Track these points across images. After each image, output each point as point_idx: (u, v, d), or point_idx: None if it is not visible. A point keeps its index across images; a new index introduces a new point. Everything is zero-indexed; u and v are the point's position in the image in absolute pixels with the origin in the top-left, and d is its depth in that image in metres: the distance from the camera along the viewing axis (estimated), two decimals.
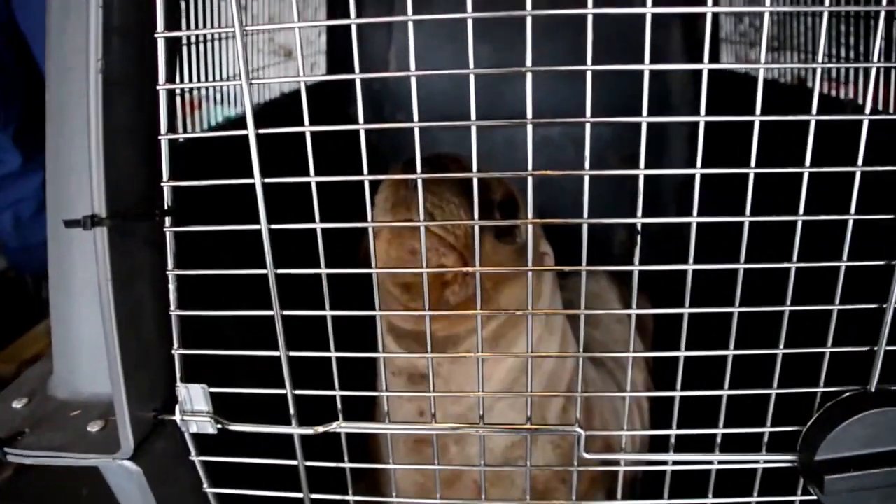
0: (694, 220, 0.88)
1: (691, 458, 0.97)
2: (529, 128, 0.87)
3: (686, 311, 0.91)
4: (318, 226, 0.92)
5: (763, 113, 0.84)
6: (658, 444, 1.01)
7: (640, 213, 0.89)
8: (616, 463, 1.04)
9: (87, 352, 1.02)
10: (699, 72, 0.86)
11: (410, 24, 0.83)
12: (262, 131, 0.88)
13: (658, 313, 0.92)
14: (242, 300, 0.99)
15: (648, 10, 0.81)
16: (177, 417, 0.99)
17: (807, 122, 0.85)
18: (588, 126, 0.86)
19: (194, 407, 0.99)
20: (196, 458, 1.03)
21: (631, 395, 0.97)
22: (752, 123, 0.85)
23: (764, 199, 0.89)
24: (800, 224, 0.88)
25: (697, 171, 0.86)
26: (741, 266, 0.89)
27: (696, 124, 0.86)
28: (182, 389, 0.98)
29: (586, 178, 0.88)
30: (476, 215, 0.91)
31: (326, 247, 0.94)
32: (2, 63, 2.88)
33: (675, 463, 0.98)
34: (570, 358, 1.28)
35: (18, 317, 2.78)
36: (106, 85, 0.88)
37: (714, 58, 0.84)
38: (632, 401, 1.51)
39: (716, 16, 2.07)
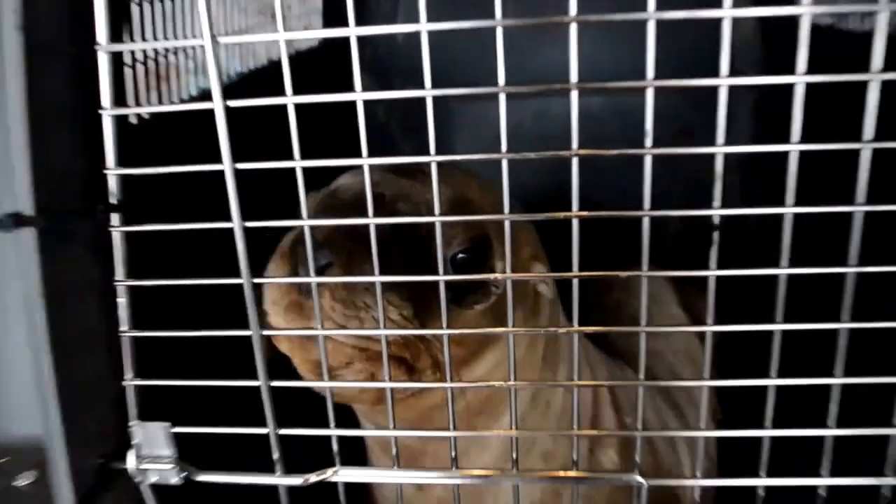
0: (789, 210, 0.73)
1: None
2: (574, 94, 0.73)
3: (778, 327, 0.76)
4: (306, 222, 0.78)
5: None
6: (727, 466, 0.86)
7: (718, 201, 0.74)
8: None
9: (20, 384, 0.87)
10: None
11: None
12: (231, 103, 0.73)
13: (742, 330, 0.77)
14: (213, 316, 0.85)
15: None
16: (131, 465, 0.85)
17: None
18: (650, 92, 0.72)
19: (154, 451, 0.86)
20: None
21: (704, 434, 0.82)
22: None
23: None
24: None
25: (794, 148, 0.71)
26: (852, 270, 0.74)
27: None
28: (137, 429, 0.84)
29: (647, 160, 0.74)
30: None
31: None
32: None
33: None
34: (585, 390, 1.14)
35: None
36: (29, 47, 0.73)
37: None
38: (692, 424, 1.36)
39: None
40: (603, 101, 1.96)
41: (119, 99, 0.78)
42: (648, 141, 0.75)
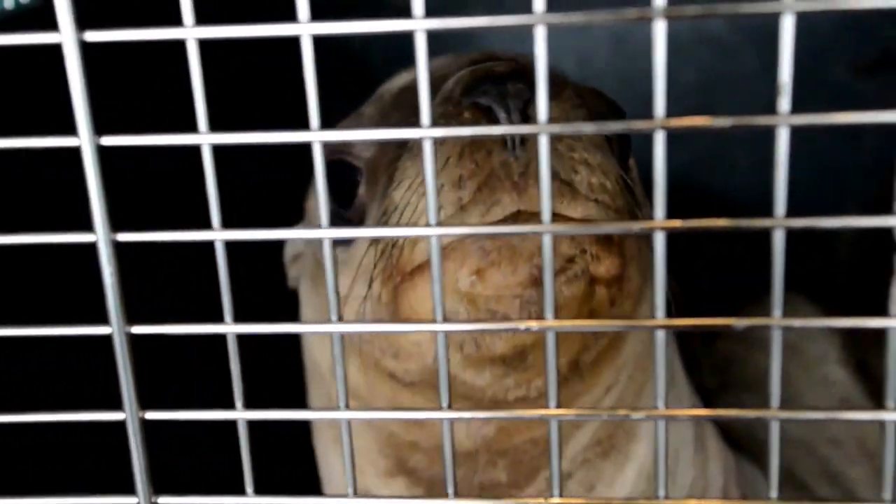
0: None
1: None
2: (660, 25, 0.49)
3: None
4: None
5: None
6: None
7: None
8: None
9: None
10: None
11: None
12: (92, 36, 0.49)
13: None
14: None
15: None
16: None
17: None
18: None
19: None
20: None
21: None
22: None
23: None
24: None
25: None
26: None
27: None
28: None
29: (783, 134, 0.49)
30: None
31: None
32: None
33: None
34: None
35: None
36: None
37: None
38: None
39: None
40: (731, 22, 1.63)
41: None
42: (785, 102, 0.49)
